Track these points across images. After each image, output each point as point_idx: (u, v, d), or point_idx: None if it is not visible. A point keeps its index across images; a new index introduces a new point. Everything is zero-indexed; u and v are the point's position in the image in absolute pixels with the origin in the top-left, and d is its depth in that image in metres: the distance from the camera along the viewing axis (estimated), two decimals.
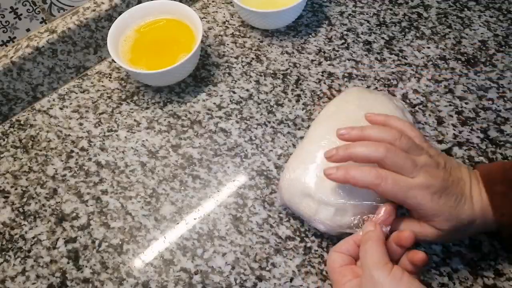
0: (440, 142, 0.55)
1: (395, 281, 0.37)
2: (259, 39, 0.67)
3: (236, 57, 0.65)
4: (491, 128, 0.56)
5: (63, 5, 0.62)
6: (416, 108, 0.59)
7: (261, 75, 0.63)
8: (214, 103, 0.61)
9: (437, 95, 0.60)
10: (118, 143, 0.59)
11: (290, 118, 0.59)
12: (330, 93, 0.61)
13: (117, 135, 0.60)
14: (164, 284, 0.48)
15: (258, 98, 0.61)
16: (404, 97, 0.60)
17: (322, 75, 0.62)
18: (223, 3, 0.72)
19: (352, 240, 0.43)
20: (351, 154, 0.42)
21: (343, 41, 0.66)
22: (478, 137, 0.55)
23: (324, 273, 0.48)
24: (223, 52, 0.66)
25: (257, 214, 0.52)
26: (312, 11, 0.69)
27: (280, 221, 0.51)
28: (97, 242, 0.51)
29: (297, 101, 0.60)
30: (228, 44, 0.67)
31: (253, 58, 0.65)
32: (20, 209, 0.55)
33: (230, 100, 0.61)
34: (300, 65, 0.64)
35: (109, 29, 0.60)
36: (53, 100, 0.64)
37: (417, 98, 0.59)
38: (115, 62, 0.66)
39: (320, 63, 0.64)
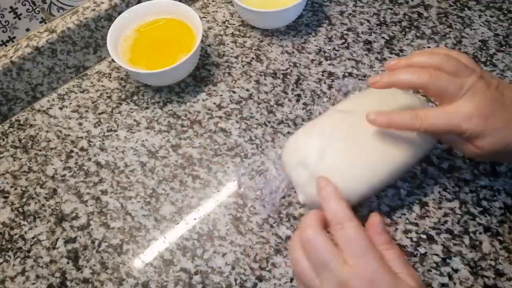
0: (440, 142, 0.55)
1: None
2: (259, 38, 0.67)
3: (236, 57, 0.65)
4: None
5: (63, 5, 0.62)
6: None
7: (261, 75, 0.63)
8: (214, 103, 0.61)
9: None
10: (118, 143, 0.59)
11: (290, 118, 0.59)
12: (330, 93, 0.60)
13: (116, 135, 0.59)
14: (164, 284, 0.48)
15: (258, 98, 0.61)
16: None
17: (322, 75, 0.62)
18: (223, 3, 0.72)
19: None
20: (394, 81, 0.41)
21: (343, 40, 0.66)
22: None
23: None
24: (223, 51, 0.66)
25: (257, 214, 0.52)
26: (312, 11, 0.69)
27: (280, 221, 0.51)
28: (96, 242, 0.51)
29: (297, 101, 0.60)
30: (228, 44, 0.67)
31: (253, 58, 0.65)
32: (20, 209, 0.55)
33: (230, 100, 0.61)
34: (300, 64, 0.64)
35: (108, 28, 0.60)
36: (53, 100, 0.64)
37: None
38: (114, 62, 0.66)
39: (320, 63, 0.64)
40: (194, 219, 0.52)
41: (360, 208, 0.51)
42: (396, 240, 0.49)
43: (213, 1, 0.72)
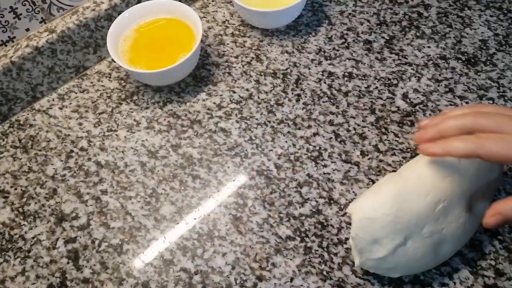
0: None
1: None
2: (259, 38, 0.67)
3: (236, 57, 0.65)
4: None
5: (63, 5, 0.61)
6: (417, 107, 0.58)
7: (261, 75, 0.63)
8: (214, 103, 0.61)
9: (438, 95, 0.59)
10: (118, 143, 0.59)
11: (290, 117, 0.59)
12: (330, 93, 0.61)
13: (116, 135, 0.59)
14: (164, 284, 0.48)
15: (258, 97, 0.61)
16: (405, 96, 0.60)
17: (322, 75, 0.62)
18: (222, 3, 0.72)
19: None
20: (441, 130, 0.39)
21: (343, 40, 0.66)
22: None
23: (324, 273, 0.47)
24: (223, 51, 0.66)
25: (257, 214, 0.52)
26: (312, 11, 0.69)
27: (280, 221, 0.51)
28: (97, 242, 0.51)
29: (297, 100, 0.60)
30: (228, 44, 0.67)
31: (253, 58, 0.65)
32: (20, 209, 0.55)
33: (230, 100, 0.61)
34: (300, 64, 0.64)
35: (108, 28, 0.60)
36: (53, 100, 0.64)
37: (417, 97, 0.59)
38: (114, 62, 0.66)
39: (320, 63, 0.64)
40: (194, 219, 0.52)
41: None
42: None
43: (213, 1, 0.72)
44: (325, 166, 0.55)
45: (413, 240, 0.42)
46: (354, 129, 0.57)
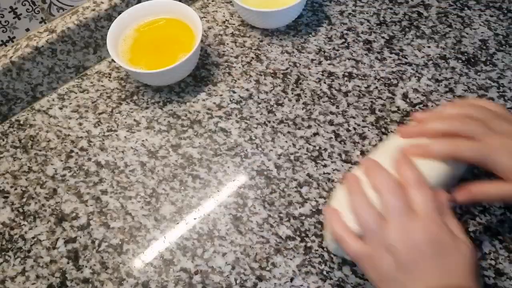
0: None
1: None
2: (259, 38, 0.67)
3: (236, 57, 0.65)
4: None
5: (63, 5, 0.61)
6: (417, 107, 0.58)
7: (261, 75, 0.63)
8: (214, 103, 0.61)
9: (438, 95, 0.59)
10: (118, 143, 0.59)
11: (290, 117, 0.59)
12: (330, 93, 0.61)
13: (116, 135, 0.59)
14: (164, 284, 0.48)
15: (258, 97, 0.61)
16: (405, 96, 0.60)
17: (322, 75, 0.62)
18: (222, 3, 0.72)
19: None
20: (424, 129, 0.44)
21: (343, 40, 0.66)
22: None
23: (324, 273, 0.47)
24: (223, 51, 0.66)
25: (257, 214, 0.52)
26: (312, 10, 0.69)
27: (280, 221, 0.51)
28: (97, 242, 0.51)
29: (297, 100, 0.60)
30: (228, 44, 0.67)
31: (253, 58, 0.65)
32: (20, 209, 0.55)
33: (230, 100, 0.61)
34: (300, 64, 0.64)
35: (108, 28, 0.60)
36: (53, 100, 0.64)
37: (417, 97, 0.59)
38: (114, 62, 0.66)
39: (320, 63, 0.64)
40: (194, 219, 0.52)
41: None
42: None
43: (213, 1, 0.72)
44: (325, 166, 0.55)
45: None
46: (354, 129, 0.57)
